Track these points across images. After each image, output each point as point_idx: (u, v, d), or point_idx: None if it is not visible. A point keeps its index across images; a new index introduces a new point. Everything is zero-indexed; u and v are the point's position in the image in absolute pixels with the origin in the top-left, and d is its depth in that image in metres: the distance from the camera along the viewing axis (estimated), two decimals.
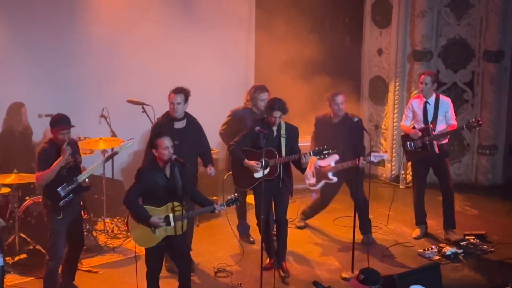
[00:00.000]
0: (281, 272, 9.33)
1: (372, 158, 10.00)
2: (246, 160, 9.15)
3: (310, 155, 9.20)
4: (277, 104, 9.01)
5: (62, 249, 8.50)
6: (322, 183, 10.30)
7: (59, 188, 8.31)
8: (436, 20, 12.55)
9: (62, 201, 8.32)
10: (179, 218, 8.03)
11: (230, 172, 9.79)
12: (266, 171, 9.03)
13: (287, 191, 9.37)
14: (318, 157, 9.42)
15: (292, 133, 9.31)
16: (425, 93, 10.27)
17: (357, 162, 9.70)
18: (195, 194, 8.39)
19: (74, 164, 8.48)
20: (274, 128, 9.15)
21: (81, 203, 9.01)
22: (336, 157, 10.03)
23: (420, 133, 10.16)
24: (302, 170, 9.46)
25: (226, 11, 12.53)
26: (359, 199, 9.96)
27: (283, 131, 9.17)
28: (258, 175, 9.13)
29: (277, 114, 9.01)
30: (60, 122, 8.33)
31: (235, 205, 8.49)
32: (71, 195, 8.37)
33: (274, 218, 9.40)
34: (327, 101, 10.29)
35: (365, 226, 10.37)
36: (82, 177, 8.50)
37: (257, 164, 9.10)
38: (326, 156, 9.38)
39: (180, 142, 8.80)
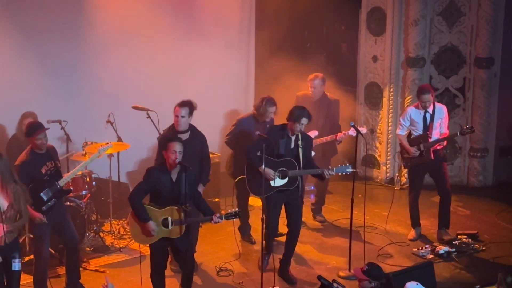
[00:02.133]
0: (290, 277, 9.32)
1: (351, 132, 10.29)
2: (263, 167, 8.84)
3: (333, 171, 9.12)
4: (305, 112, 8.89)
5: (46, 250, 8.58)
6: None
7: (41, 193, 8.38)
8: (428, 28, 12.61)
9: (45, 206, 8.39)
10: (177, 223, 8.07)
11: (243, 176, 9.53)
12: (285, 181, 9.01)
13: (302, 202, 9.39)
14: (340, 173, 9.27)
15: (309, 142, 9.25)
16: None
17: (335, 137, 10.45)
18: (199, 201, 8.38)
19: (55, 170, 8.54)
20: (293, 138, 9.02)
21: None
22: (315, 133, 10.45)
23: (419, 151, 10.21)
24: (322, 178, 9.32)
25: (227, 20, 12.55)
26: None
27: (300, 141, 9.04)
28: (275, 184, 9.00)
29: (305, 121, 8.89)
30: (33, 129, 8.39)
31: (233, 219, 8.49)
32: (53, 200, 8.44)
33: (288, 227, 9.34)
34: (307, 82, 10.75)
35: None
36: (64, 182, 8.55)
37: (275, 173, 8.93)
38: (348, 173, 9.25)
39: (185, 154, 8.85)
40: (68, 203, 9.61)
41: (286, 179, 9.01)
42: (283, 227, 9.75)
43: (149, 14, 11.67)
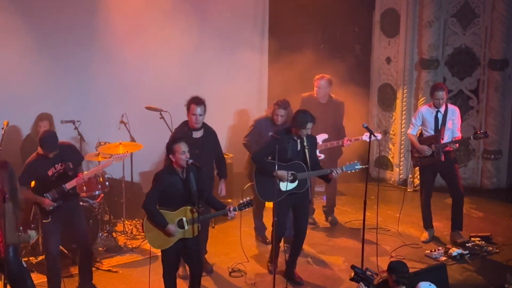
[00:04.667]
0: (296, 279, 9.25)
1: (364, 138, 10.32)
2: (278, 171, 8.74)
3: (343, 169, 9.08)
4: (309, 117, 8.78)
5: (54, 247, 8.56)
6: None
7: (46, 193, 8.37)
8: (442, 29, 12.53)
9: (47, 207, 8.38)
10: (192, 222, 8.03)
11: (251, 183, 9.51)
12: (295, 184, 8.93)
13: (310, 205, 9.31)
14: (349, 171, 9.22)
15: (313, 142, 9.16)
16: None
17: (341, 143, 10.46)
18: (210, 198, 8.34)
19: (63, 171, 8.49)
20: (298, 141, 8.93)
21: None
22: (325, 135, 10.48)
23: (431, 151, 10.13)
24: (329, 180, 9.26)
25: (240, 21, 12.54)
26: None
27: (305, 143, 8.95)
28: (286, 188, 8.92)
29: (310, 125, 8.80)
30: (46, 144, 8.34)
31: (247, 208, 8.43)
32: (60, 201, 8.40)
33: (294, 230, 9.28)
34: (313, 82, 10.71)
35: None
36: (71, 185, 8.49)
37: (288, 174, 8.84)
38: (356, 170, 9.22)
39: (200, 151, 8.81)
40: (81, 203, 9.58)
41: (296, 182, 8.93)
42: None
43: (163, 15, 11.66)
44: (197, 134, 9.03)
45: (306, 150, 8.94)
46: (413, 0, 12.53)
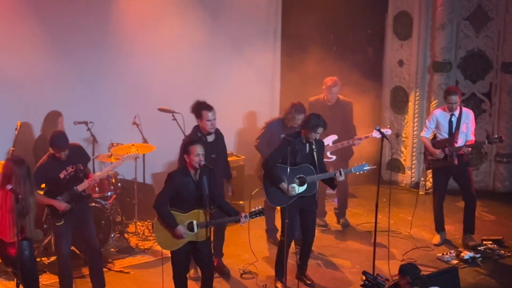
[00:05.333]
0: (306, 281, 9.22)
1: (374, 134, 10.30)
2: (283, 184, 8.74)
3: (351, 171, 9.10)
4: (321, 121, 8.73)
5: (66, 249, 8.55)
6: None
7: (59, 196, 8.34)
8: (455, 32, 12.49)
9: (61, 210, 8.35)
10: (203, 225, 8.01)
11: (260, 188, 9.42)
12: (304, 187, 8.88)
13: (316, 208, 9.30)
14: (358, 172, 9.22)
15: (321, 146, 9.11)
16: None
17: (352, 142, 10.47)
18: (223, 203, 8.30)
19: (74, 173, 8.46)
20: (307, 144, 8.86)
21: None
22: (334, 137, 10.51)
23: (443, 154, 10.10)
24: (334, 186, 9.20)
25: (253, 24, 12.56)
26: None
27: (314, 146, 8.90)
28: (293, 192, 8.87)
29: (320, 131, 8.76)
30: (56, 145, 8.31)
31: (259, 217, 8.38)
32: (72, 203, 8.38)
33: (302, 232, 9.21)
34: (323, 86, 10.71)
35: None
36: (82, 187, 8.47)
37: (292, 187, 8.79)
38: (364, 171, 9.22)
39: (216, 154, 8.81)
40: (93, 204, 9.60)
41: (305, 186, 8.89)
42: None
43: (176, 19, 11.69)
44: (210, 138, 9.05)
45: (315, 153, 8.90)
46: (426, 3, 12.51)
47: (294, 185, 8.82)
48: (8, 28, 10.44)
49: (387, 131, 10.21)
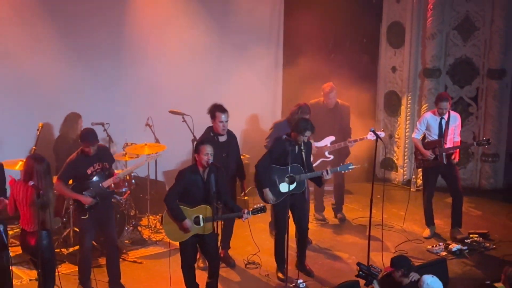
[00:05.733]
0: (307, 270, 9.25)
1: (369, 137, 10.39)
2: (265, 190, 8.85)
3: (337, 170, 9.14)
4: (309, 125, 8.76)
5: (89, 243, 8.58)
6: (319, 161, 10.48)
7: (85, 192, 8.36)
8: (444, 41, 12.52)
9: (87, 204, 8.38)
10: (208, 220, 8.04)
11: (252, 187, 9.57)
12: (293, 186, 8.87)
13: (307, 202, 9.31)
14: (343, 171, 9.33)
15: (309, 147, 9.14)
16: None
17: (347, 143, 10.49)
18: (227, 201, 8.33)
19: (101, 170, 8.49)
20: (296, 146, 8.87)
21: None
22: (332, 138, 10.57)
23: (433, 155, 10.13)
24: (320, 184, 9.22)
25: (257, 32, 12.54)
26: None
27: (302, 146, 8.92)
28: (284, 190, 8.91)
29: (308, 134, 8.78)
30: (87, 139, 8.34)
31: (260, 213, 8.41)
32: (96, 198, 8.39)
33: (296, 226, 9.20)
34: (321, 92, 10.75)
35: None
36: (107, 183, 8.49)
37: (270, 198, 8.87)
38: (349, 170, 9.29)
39: (227, 154, 8.83)
40: None
41: (295, 184, 8.88)
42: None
43: (184, 28, 11.75)
44: (222, 139, 9.08)
45: (303, 154, 8.92)
46: (418, 14, 12.52)
47: (270, 196, 8.87)
48: (33, 36, 10.48)
49: (381, 134, 10.24)
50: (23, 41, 10.45)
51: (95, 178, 8.43)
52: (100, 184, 8.44)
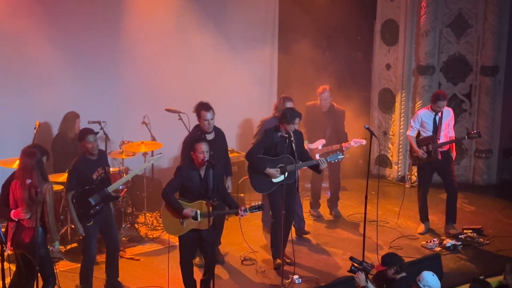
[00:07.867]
0: (286, 260, 9.20)
1: (352, 143, 10.42)
2: (268, 169, 8.90)
3: (327, 160, 9.10)
4: (296, 113, 8.87)
5: (93, 250, 8.48)
6: None
7: (90, 198, 8.25)
8: (438, 38, 12.51)
9: (92, 210, 8.26)
10: (205, 215, 8.05)
11: (246, 177, 9.59)
12: (282, 177, 8.87)
13: (297, 192, 9.38)
14: (333, 160, 9.29)
15: (300, 137, 9.16)
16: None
17: (339, 147, 10.42)
18: (226, 196, 8.36)
19: (105, 175, 8.41)
20: (287, 135, 8.90)
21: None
22: (323, 141, 10.62)
23: (426, 154, 10.13)
24: (319, 171, 9.30)
25: (253, 31, 12.53)
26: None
27: (292, 137, 8.93)
28: (276, 180, 8.97)
29: (297, 121, 8.86)
30: (84, 133, 8.29)
31: (258, 211, 8.40)
32: (101, 204, 8.32)
33: (285, 210, 9.10)
34: (316, 93, 10.73)
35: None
36: (112, 188, 8.43)
37: (276, 171, 8.92)
38: (339, 159, 9.33)
39: (214, 152, 8.83)
40: None
41: (286, 174, 8.89)
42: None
43: (180, 27, 11.73)
44: (210, 137, 9.03)
45: (293, 144, 8.94)
46: (411, 12, 12.51)
47: (273, 170, 8.93)
48: (30, 35, 10.43)
49: (363, 141, 10.39)
50: (21, 40, 10.40)
51: (99, 183, 8.35)
52: (105, 189, 8.34)
